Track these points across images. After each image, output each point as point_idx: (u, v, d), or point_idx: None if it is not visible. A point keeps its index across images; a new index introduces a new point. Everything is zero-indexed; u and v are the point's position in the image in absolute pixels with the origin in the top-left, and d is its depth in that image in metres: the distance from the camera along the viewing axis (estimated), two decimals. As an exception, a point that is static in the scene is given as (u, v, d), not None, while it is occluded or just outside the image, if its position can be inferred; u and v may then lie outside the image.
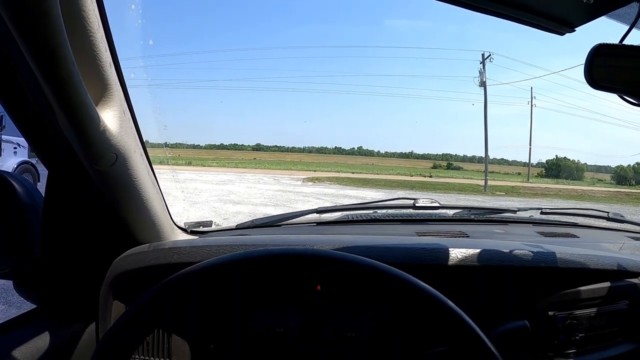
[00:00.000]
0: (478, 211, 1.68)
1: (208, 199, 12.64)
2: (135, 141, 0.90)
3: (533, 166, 47.54)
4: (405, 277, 0.63)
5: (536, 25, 0.89)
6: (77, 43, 0.65)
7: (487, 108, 26.26)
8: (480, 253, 0.99)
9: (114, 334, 0.60)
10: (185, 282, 0.63)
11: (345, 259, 0.66)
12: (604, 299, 1.01)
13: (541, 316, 0.97)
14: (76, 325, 0.99)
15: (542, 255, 1.01)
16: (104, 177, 0.84)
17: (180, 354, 0.97)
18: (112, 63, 0.77)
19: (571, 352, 0.98)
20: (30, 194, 0.87)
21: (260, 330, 0.95)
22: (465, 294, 0.94)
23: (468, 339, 0.59)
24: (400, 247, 1.00)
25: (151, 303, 0.61)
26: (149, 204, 0.98)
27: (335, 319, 0.95)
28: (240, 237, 1.18)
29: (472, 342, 0.59)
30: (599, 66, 0.75)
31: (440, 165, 64.35)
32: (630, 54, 0.74)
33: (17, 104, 0.77)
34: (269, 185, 19.12)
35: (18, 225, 0.86)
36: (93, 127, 0.71)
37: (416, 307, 0.63)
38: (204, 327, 0.96)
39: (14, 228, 0.86)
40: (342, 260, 0.66)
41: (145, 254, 1.00)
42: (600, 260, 1.03)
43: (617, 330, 1.02)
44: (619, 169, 47.16)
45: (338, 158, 64.54)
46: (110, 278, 0.99)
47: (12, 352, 0.81)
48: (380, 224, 1.52)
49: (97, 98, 0.75)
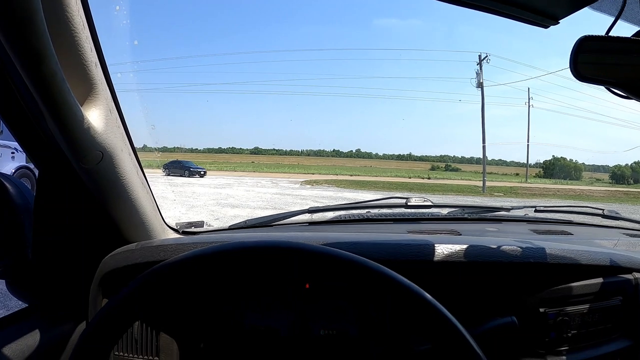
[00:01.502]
0: (471, 210, 1.68)
1: (206, 202, 12.65)
2: (123, 141, 0.90)
3: (531, 166, 47.69)
4: (383, 271, 0.61)
5: (520, 19, 0.89)
6: (61, 43, 0.66)
7: (485, 109, 26.31)
8: (467, 249, 0.98)
9: (91, 331, 0.59)
10: (163, 275, 0.62)
11: (320, 251, 0.63)
12: (596, 295, 1.00)
13: (532, 313, 0.96)
14: (67, 324, 0.98)
15: (531, 251, 1.00)
16: (91, 175, 0.84)
17: (168, 352, 0.97)
18: (97, 63, 0.77)
19: (563, 349, 0.97)
20: (22, 194, 0.87)
21: (249, 328, 0.94)
22: (453, 291, 0.93)
23: (449, 336, 0.58)
24: (387, 243, 0.99)
25: (128, 298, 0.60)
26: (138, 203, 0.98)
27: (324, 316, 0.94)
28: (229, 236, 1.18)
29: (453, 339, 0.57)
30: (585, 59, 0.74)
31: (438, 167, 64.46)
32: (616, 46, 0.73)
33: (5, 102, 0.77)
34: (267, 189, 19.16)
35: (10, 226, 0.86)
36: (77, 124, 0.71)
37: (396, 302, 0.61)
38: (192, 326, 0.96)
39: (5, 228, 0.86)
40: (317, 252, 0.63)
41: (133, 252, 0.99)
42: (592, 256, 1.02)
43: (611, 327, 1.01)
44: (617, 169, 47.22)
45: (336, 161, 64.57)
46: (100, 276, 0.99)
47: (1, 350, 0.81)
48: (372, 223, 1.51)
49: (83, 97, 0.76)
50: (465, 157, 72.61)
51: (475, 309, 0.94)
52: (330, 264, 0.63)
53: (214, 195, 14.78)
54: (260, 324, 0.94)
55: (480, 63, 27.61)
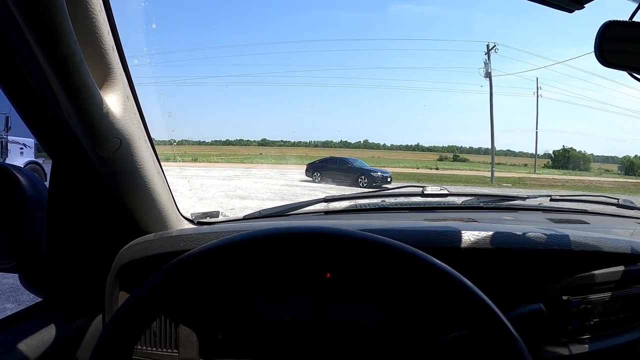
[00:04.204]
0: (487, 198, 1.67)
1: (215, 194, 12.66)
2: (140, 128, 0.89)
3: (540, 157, 47.28)
4: (424, 257, 0.60)
5: (545, 2, 0.87)
6: (78, 24, 0.64)
7: (493, 99, 26.12)
8: (492, 236, 0.98)
9: (117, 322, 0.58)
10: (188, 265, 0.60)
11: (363, 237, 0.61)
12: (618, 283, 0.99)
13: (555, 300, 0.95)
14: (83, 317, 0.98)
15: (555, 238, 0.99)
16: (107, 164, 0.83)
17: (188, 344, 0.97)
18: (114, 47, 0.76)
19: (585, 337, 0.96)
20: (35, 187, 0.86)
21: (269, 319, 0.94)
22: (477, 277, 0.92)
23: (488, 321, 0.57)
24: (412, 230, 0.99)
25: (153, 289, 0.59)
26: (155, 192, 0.97)
27: (345, 306, 0.93)
28: (248, 224, 1.17)
29: (492, 324, 0.57)
30: (609, 44, 0.73)
31: (447, 157, 64.12)
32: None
33: (19, 90, 0.75)
34: (275, 180, 19.13)
35: (23, 219, 0.85)
36: (96, 109, 0.70)
37: (437, 288, 0.60)
38: (211, 317, 0.95)
39: (19, 221, 0.85)
40: (360, 238, 0.61)
41: (151, 243, 0.99)
42: (613, 243, 1.01)
43: (632, 315, 1.00)
44: (626, 160, 46.74)
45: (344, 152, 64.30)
46: (117, 268, 0.98)
47: (18, 345, 0.80)
48: (388, 212, 1.51)
49: (100, 81, 0.74)
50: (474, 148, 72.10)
51: (501, 296, 0.94)
52: (367, 249, 0.61)
53: (223, 187, 14.78)
54: (279, 314, 0.94)
55: (488, 53, 27.35)
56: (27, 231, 0.86)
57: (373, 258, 0.61)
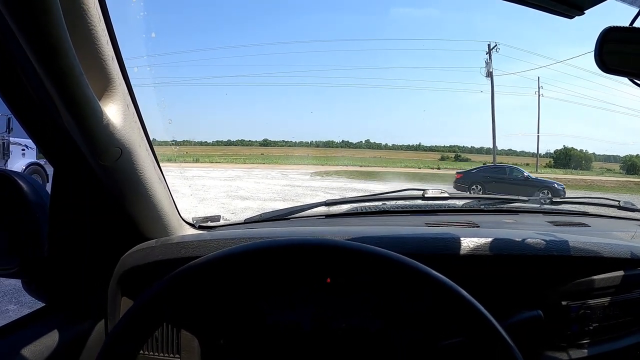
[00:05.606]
0: (488, 201, 1.68)
1: (216, 195, 12.69)
2: (140, 135, 0.89)
3: (541, 156, 47.18)
4: (419, 267, 0.62)
5: (544, 9, 0.87)
6: (77, 36, 0.64)
7: (495, 98, 26.09)
8: (492, 242, 0.98)
9: (120, 331, 0.59)
10: (192, 275, 0.61)
11: (356, 248, 0.63)
12: (617, 287, 0.99)
13: (554, 306, 0.95)
14: (85, 322, 0.98)
15: (554, 243, 0.99)
16: (109, 173, 0.83)
17: (190, 349, 0.97)
18: (114, 57, 0.76)
19: (585, 342, 0.97)
20: (37, 192, 0.86)
21: (270, 324, 0.94)
22: (477, 284, 0.93)
23: (483, 330, 0.58)
24: (411, 237, 0.99)
25: (157, 297, 0.60)
26: (156, 199, 0.97)
27: (346, 311, 0.94)
28: (249, 231, 1.17)
29: (487, 332, 0.58)
30: (610, 50, 0.73)
31: (448, 157, 63.95)
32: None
33: (20, 100, 0.76)
34: (277, 180, 19.15)
35: (25, 224, 0.86)
36: (96, 120, 0.70)
37: (430, 297, 0.62)
38: (213, 323, 0.96)
39: (21, 227, 0.86)
40: (353, 249, 0.63)
41: (153, 249, 0.99)
42: (613, 248, 1.02)
43: (632, 319, 1.01)
44: (628, 159, 46.60)
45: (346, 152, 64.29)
46: (119, 274, 0.99)
47: (21, 351, 0.81)
48: (389, 215, 1.51)
49: (100, 92, 0.74)
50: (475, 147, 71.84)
51: (499, 302, 0.94)
52: (365, 261, 0.63)
53: (224, 188, 14.79)
54: (281, 319, 0.94)
55: (489, 52, 27.35)
56: (29, 236, 0.86)
57: (363, 267, 0.64)
